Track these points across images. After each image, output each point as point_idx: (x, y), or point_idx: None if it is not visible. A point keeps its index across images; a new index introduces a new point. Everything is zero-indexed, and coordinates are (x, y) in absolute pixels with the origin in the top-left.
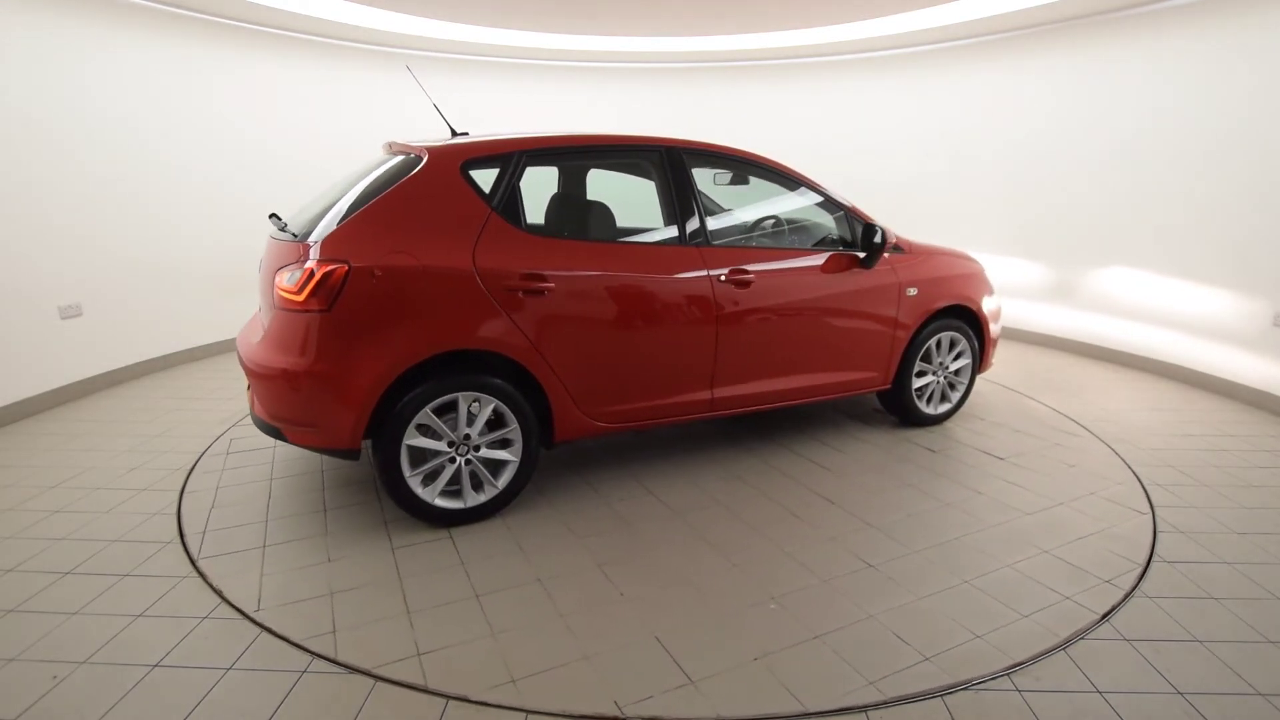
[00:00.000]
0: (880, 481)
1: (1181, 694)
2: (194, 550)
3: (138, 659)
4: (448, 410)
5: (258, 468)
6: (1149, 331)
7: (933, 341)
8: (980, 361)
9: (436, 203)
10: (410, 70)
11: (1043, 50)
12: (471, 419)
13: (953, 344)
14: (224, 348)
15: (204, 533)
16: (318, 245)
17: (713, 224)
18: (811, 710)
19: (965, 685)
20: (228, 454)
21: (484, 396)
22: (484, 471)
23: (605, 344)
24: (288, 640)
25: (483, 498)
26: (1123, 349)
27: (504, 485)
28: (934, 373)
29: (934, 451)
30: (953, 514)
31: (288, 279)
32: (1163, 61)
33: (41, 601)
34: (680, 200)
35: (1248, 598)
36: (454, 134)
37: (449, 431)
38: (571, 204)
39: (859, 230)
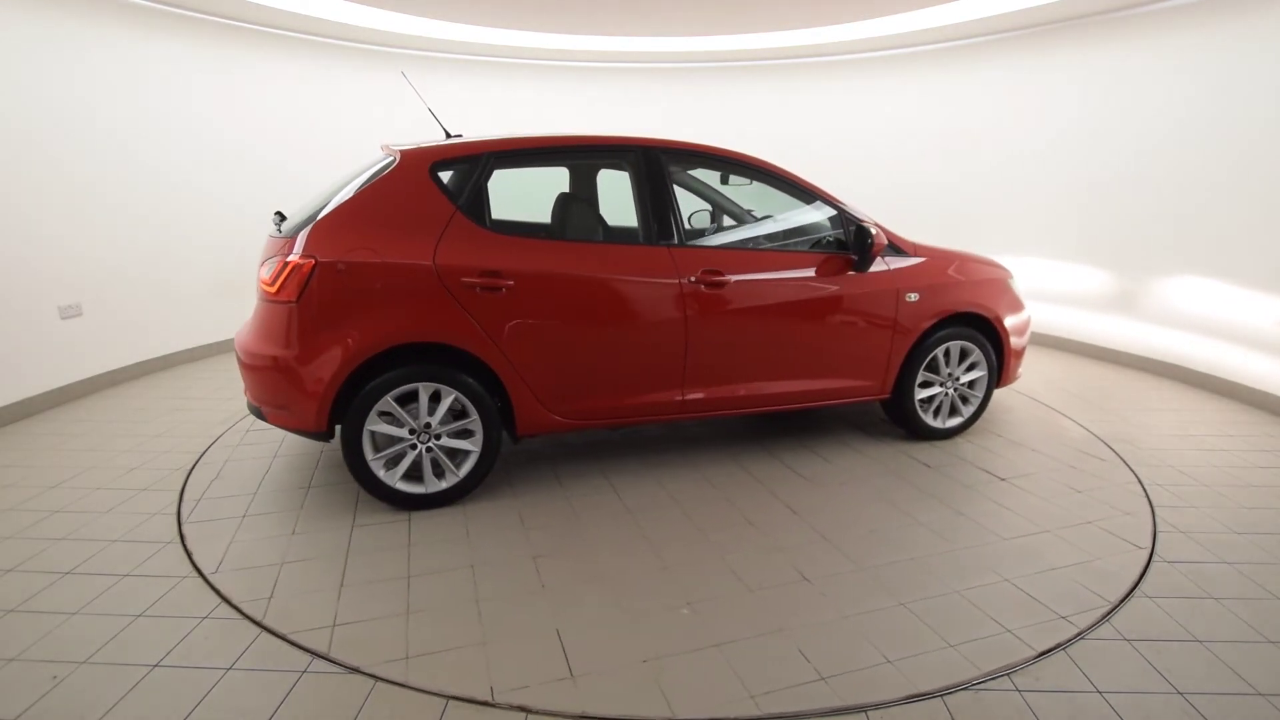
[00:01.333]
0: (857, 495)
1: (1181, 694)
2: (193, 546)
3: (138, 659)
4: (412, 399)
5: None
6: (1161, 334)
7: (940, 351)
8: (1000, 375)
9: (404, 202)
10: (405, 76)
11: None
12: (433, 409)
13: (964, 354)
14: (224, 348)
15: (199, 510)
16: (295, 241)
17: (691, 224)
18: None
19: (965, 685)
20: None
21: (444, 388)
22: (445, 460)
23: (567, 342)
24: (288, 639)
25: (443, 485)
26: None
27: (464, 474)
28: (942, 384)
29: (930, 467)
30: (921, 533)
31: (266, 272)
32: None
33: (41, 601)
34: (655, 200)
35: (1248, 598)
36: (448, 136)
37: (410, 420)
38: (556, 204)
39: (853, 232)
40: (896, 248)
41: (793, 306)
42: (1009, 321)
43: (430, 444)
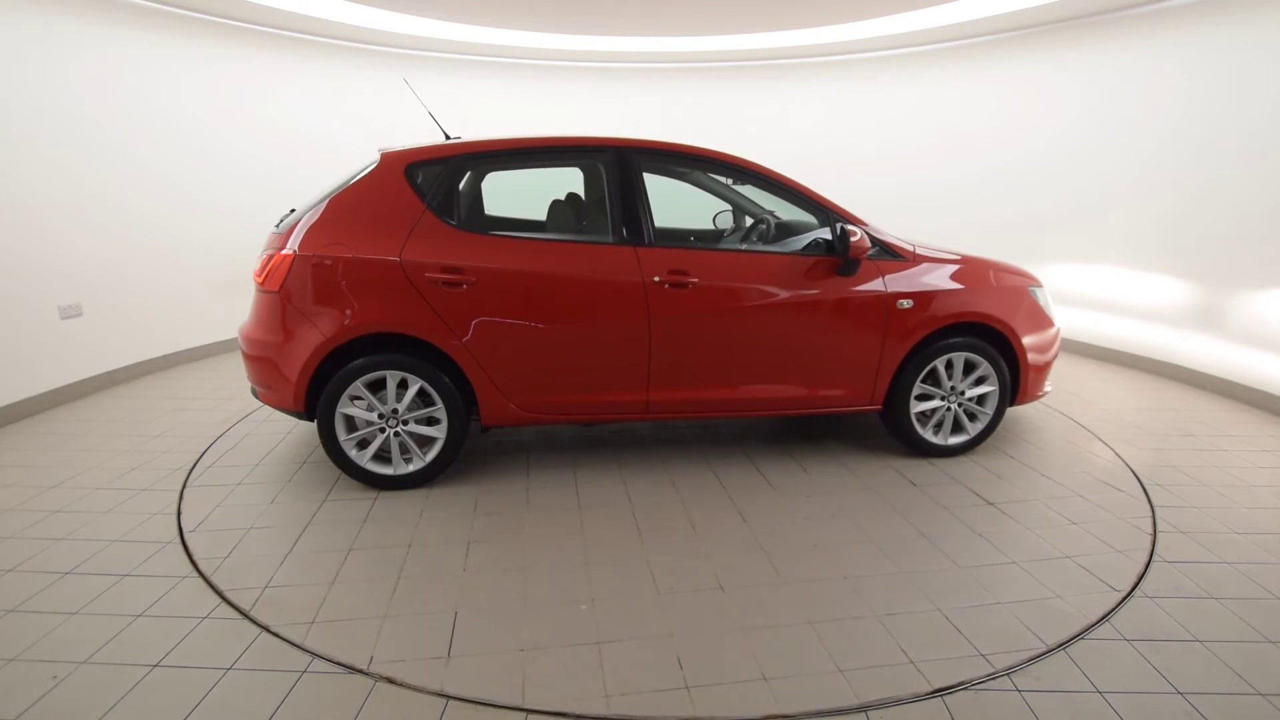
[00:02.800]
0: (819, 508)
1: (1181, 694)
2: (194, 550)
3: (138, 659)
4: (385, 385)
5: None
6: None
7: (940, 362)
8: (1016, 390)
9: (380, 200)
10: (407, 82)
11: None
12: (403, 396)
13: (970, 367)
14: (224, 348)
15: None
16: (285, 236)
17: (663, 224)
18: (591, 712)
19: (965, 685)
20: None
21: (410, 377)
22: (412, 444)
23: (527, 338)
24: (287, 641)
25: (410, 468)
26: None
27: (430, 459)
28: (944, 398)
29: (915, 485)
30: (869, 552)
31: (258, 264)
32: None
33: (41, 601)
34: (624, 200)
35: (1248, 598)
36: (447, 138)
37: (379, 405)
38: (522, 201)
39: (837, 233)
40: (891, 251)
41: (766, 310)
42: (1027, 333)
43: (398, 429)
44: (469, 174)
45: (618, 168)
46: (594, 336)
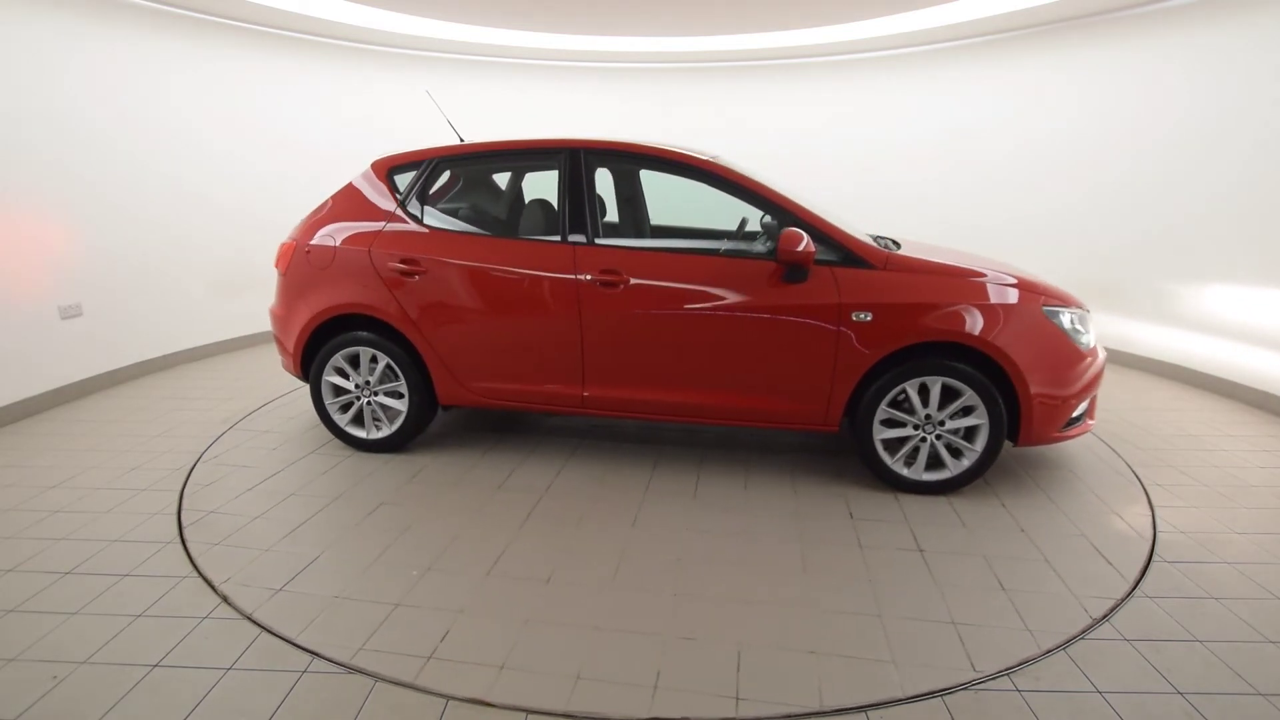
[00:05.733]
0: (723, 525)
1: (1181, 694)
2: (194, 550)
3: (138, 659)
4: (360, 359)
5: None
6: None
7: (910, 386)
8: (1019, 426)
9: (365, 199)
10: (430, 94)
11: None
12: (373, 370)
13: (952, 394)
14: (224, 348)
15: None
16: (296, 227)
17: (610, 223)
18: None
19: (965, 685)
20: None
21: (379, 354)
22: (380, 413)
23: (473, 326)
24: (287, 641)
25: (379, 434)
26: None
27: (395, 428)
28: (917, 426)
29: (852, 518)
30: (732, 575)
31: (279, 250)
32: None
33: (41, 601)
34: (572, 198)
35: (1248, 598)
36: (460, 140)
37: (356, 376)
38: (490, 201)
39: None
40: (858, 256)
41: (702, 314)
42: (1032, 361)
43: (369, 399)
44: (436, 175)
45: (569, 168)
46: (531, 329)
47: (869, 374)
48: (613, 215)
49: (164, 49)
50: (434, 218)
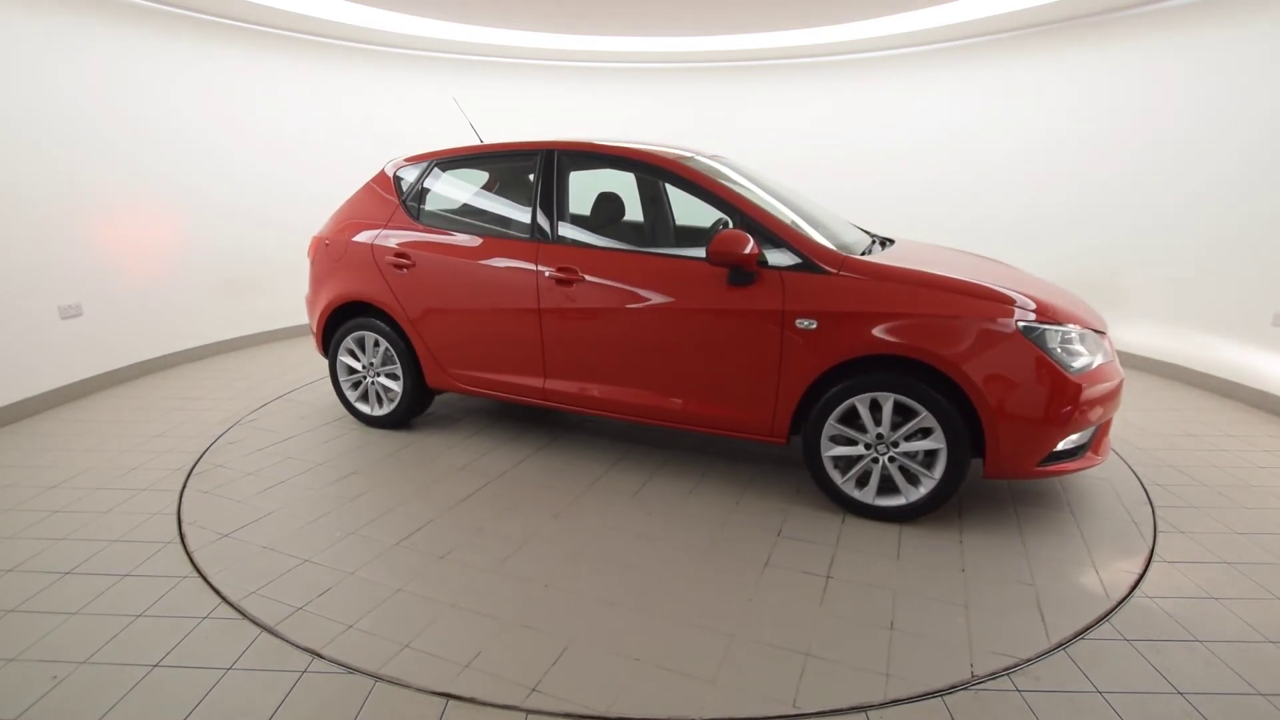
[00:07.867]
0: (637, 526)
1: (1181, 694)
2: (194, 550)
3: (138, 659)
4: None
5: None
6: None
7: (859, 402)
8: (984, 450)
9: (376, 198)
10: (456, 101)
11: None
12: (376, 353)
13: (906, 413)
14: (224, 348)
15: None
16: (326, 223)
17: (572, 221)
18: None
19: (965, 685)
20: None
21: (381, 338)
22: (381, 392)
23: (447, 315)
24: (287, 641)
25: (382, 411)
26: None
27: (393, 407)
28: (868, 446)
29: (780, 535)
30: (604, 571)
31: (310, 242)
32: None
33: (41, 601)
34: (543, 197)
35: (1248, 598)
36: (480, 141)
37: (363, 357)
38: (483, 200)
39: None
40: (812, 261)
41: (645, 314)
42: (999, 382)
43: (373, 379)
44: (432, 176)
45: (542, 168)
46: (498, 322)
47: (817, 385)
48: (635, 215)
49: (164, 49)
50: (427, 216)
